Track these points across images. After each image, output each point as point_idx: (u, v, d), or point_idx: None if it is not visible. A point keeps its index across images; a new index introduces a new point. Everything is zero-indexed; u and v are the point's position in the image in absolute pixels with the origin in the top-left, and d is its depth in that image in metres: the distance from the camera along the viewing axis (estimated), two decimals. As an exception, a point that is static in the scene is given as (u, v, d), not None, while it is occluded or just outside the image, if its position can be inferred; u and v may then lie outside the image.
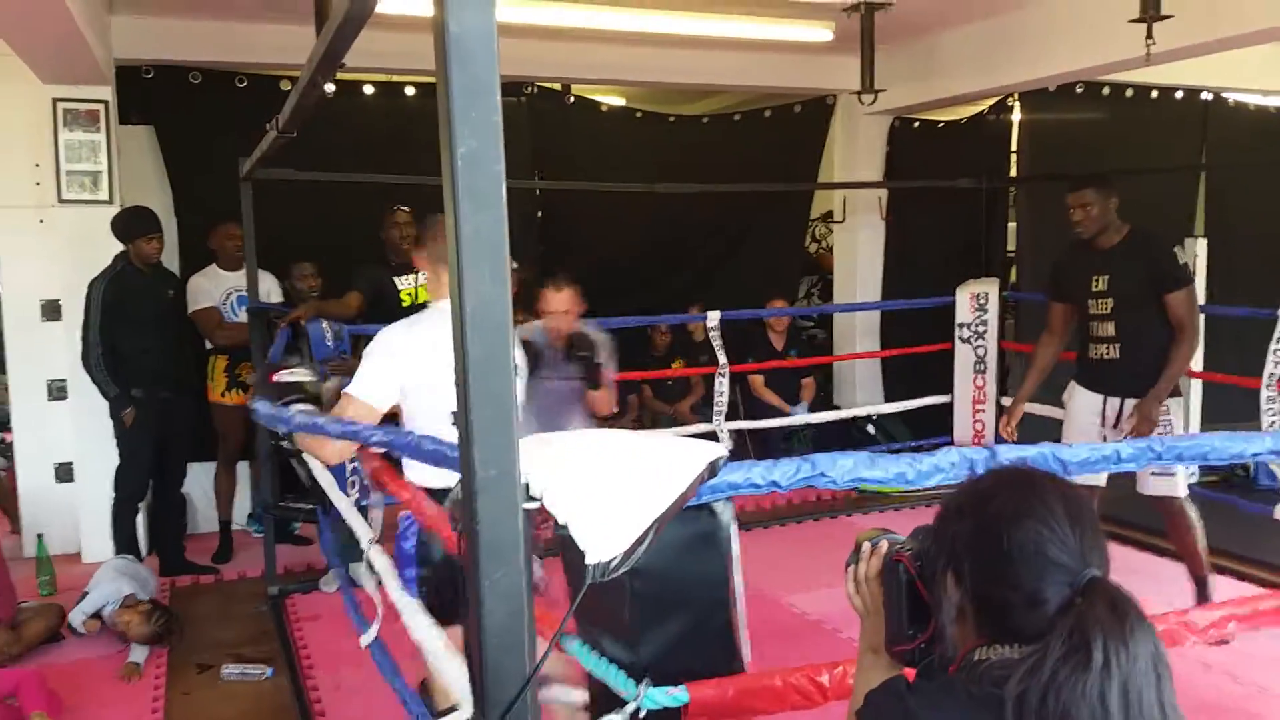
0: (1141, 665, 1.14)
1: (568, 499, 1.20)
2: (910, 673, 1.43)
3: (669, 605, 1.53)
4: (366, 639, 3.02)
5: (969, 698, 1.23)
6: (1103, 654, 1.14)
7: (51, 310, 5.31)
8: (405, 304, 5.25)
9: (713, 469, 1.36)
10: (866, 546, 1.47)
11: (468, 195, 1.05)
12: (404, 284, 5.30)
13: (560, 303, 4.01)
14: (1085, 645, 1.14)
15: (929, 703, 1.26)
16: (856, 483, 1.66)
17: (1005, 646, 1.25)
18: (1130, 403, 4.16)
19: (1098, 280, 4.23)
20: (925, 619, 1.38)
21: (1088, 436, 4.26)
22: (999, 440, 4.80)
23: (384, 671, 2.89)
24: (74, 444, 5.35)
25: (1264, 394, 4.83)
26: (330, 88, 2.57)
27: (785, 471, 1.56)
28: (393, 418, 2.92)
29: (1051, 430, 4.69)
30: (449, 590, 2.64)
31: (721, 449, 1.40)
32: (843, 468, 1.61)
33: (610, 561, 1.19)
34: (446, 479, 2.83)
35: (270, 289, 5.31)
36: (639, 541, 1.20)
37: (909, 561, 1.41)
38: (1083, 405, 4.38)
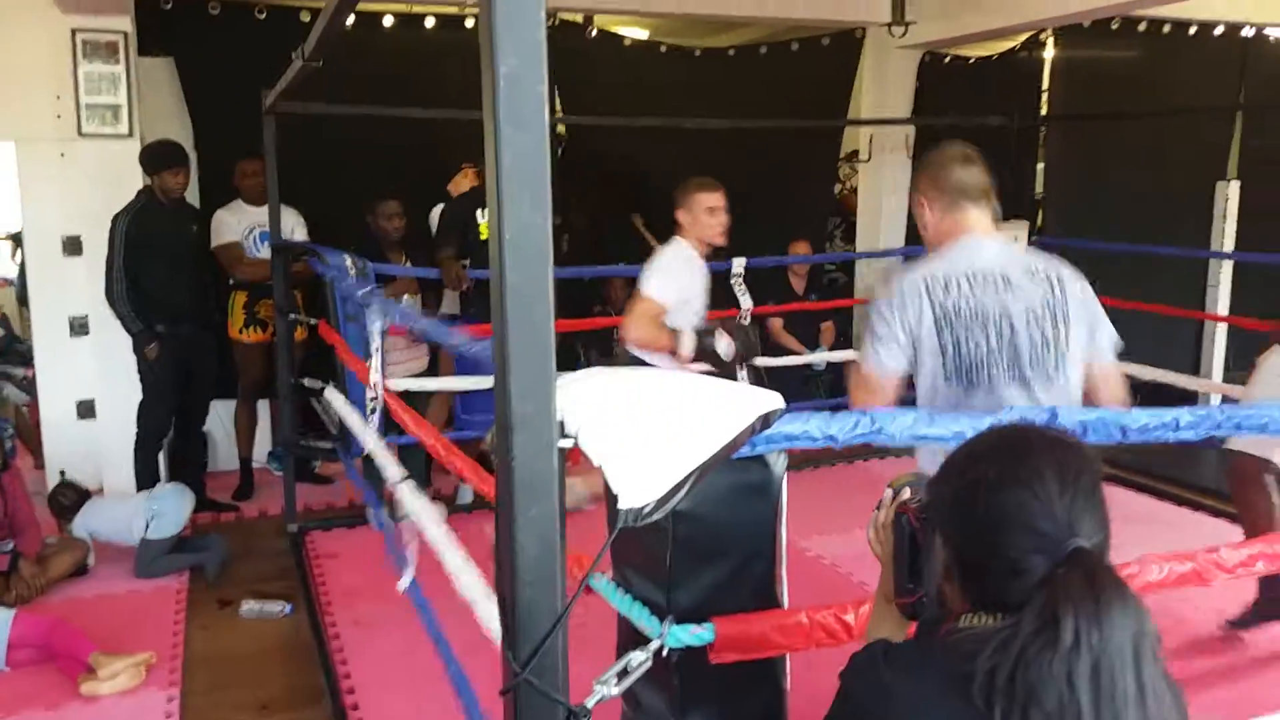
0: (1116, 646, 1.07)
1: (604, 440, 1.16)
2: (913, 627, 1.41)
3: (711, 552, 1.50)
4: (403, 583, 3.00)
5: (942, 669, 1.18)
6: (1073, 632, 1.07)
7: (73, 245, 5.26)
8: (483, 237, 5.22)
9: (766, 420, 1.31)
10: (888, 493, 1.44)
11: (509, 118, 1.01)
12: (483, 218, 5.27)
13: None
14: (1055, 622, 1.08)
15: (903, 671, 1.23)
16: (916, 440, 1.59)
17: (988, 615, 1.20)
18: None
19: None
20: (924, 575, 1.35)
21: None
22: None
23: (420, 612, 2.88)
24: (96, 380, 5.35)
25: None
26: (349, 19, 2.51)
27: (843, 425, 1.51)
28: None
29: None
30: None
31: (778, 400, 1.34)
32: (901, 424, 1.56)
33: (644, 507, 1.15)
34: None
35: (294, 225, 5.27)
36: (676, 489, 1.16)
37: (914, 515, 1.37)
38: None
